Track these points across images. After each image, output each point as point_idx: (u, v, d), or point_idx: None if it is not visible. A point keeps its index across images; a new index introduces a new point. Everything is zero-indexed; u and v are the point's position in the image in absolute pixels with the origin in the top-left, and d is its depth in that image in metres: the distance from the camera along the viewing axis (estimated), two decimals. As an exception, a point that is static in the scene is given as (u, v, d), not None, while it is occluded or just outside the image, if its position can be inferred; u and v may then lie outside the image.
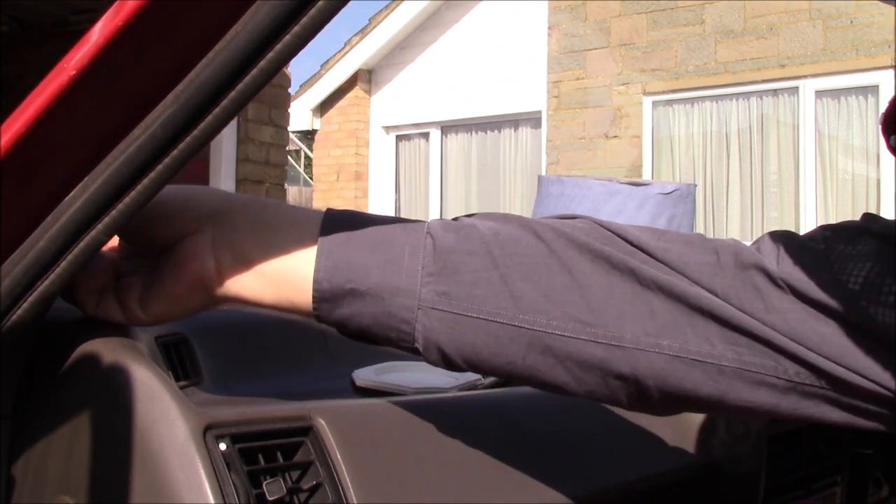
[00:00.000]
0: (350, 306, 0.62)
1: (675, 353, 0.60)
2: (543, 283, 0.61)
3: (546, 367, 0.62)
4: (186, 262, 0.64)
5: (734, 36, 6.79)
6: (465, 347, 0.62)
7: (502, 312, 0.61)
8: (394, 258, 0.61)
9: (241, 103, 0.57)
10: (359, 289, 0.61)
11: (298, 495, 0.65)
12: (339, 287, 0.61)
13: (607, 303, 0.61)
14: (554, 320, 0.61)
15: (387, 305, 0.61)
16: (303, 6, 0.54)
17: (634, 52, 7.21)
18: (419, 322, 0.61)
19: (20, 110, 0.56)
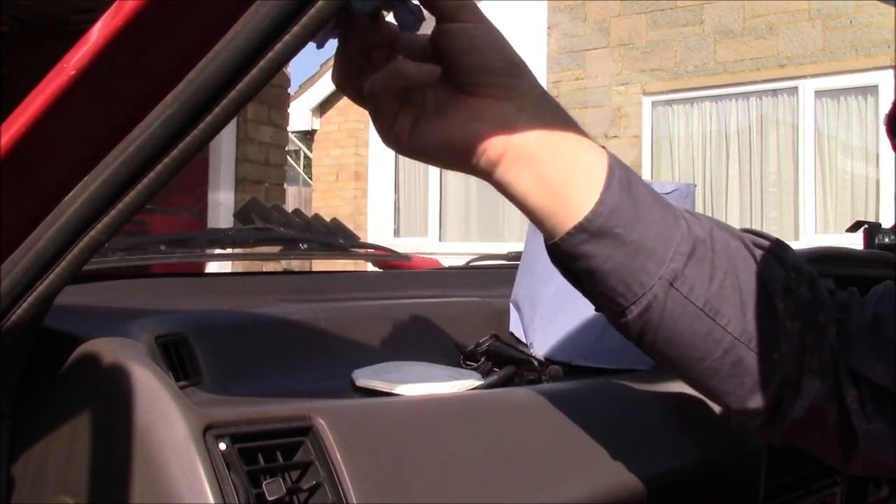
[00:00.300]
0: (605, 247, 0.62)
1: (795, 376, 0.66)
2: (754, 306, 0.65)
3: (725, 375, 0.66)
4: (485, 121, 0.62)
5: (733, 36, 6.79)
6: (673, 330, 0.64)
7: (725, 315, 0.64)
8: (659, 223, 0.63)
9: (241, 103, 0.57)
10: (623, 236, 0.62)
11: (298, 495, 0.65)
12: (608, 227, 0.62)
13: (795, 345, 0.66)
14: (753, 340, 0.65)
15: (637, 261, 0.62)
16: (303, 6, 0.54)
17: (634, 52, 7.21)
18: (652, 291, 0.63)
19: (20, 110, 0.56)
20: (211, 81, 0.56)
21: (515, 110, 0.62)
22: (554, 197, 0.63)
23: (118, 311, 0.93)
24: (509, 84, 0.62)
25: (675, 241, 0.63)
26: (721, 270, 0.65)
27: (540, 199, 0.63)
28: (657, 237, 0.63)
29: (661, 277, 0.63)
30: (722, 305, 0.64)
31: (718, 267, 0.65)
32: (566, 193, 0.62)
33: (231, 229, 1.81)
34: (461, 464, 0.76)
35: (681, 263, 0.63)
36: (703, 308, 0.64)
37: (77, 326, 0.75)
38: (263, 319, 1.00)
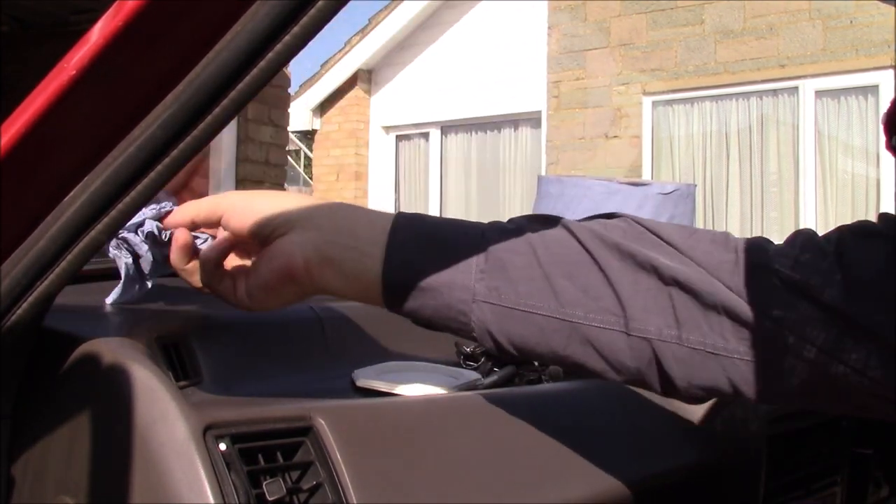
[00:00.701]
0: (416, 300, 0.70)
1: (693, 345, 0.66)
2: (581, 279, 0.68)
3: (586, 356, 0.69)
4: (278, 259, 0.73)
5: (734, 36, 6.79)
6: (514, 336, 0.69)
7: (545, 306, 0.68)
8: (450, 257, 0.69)
9: (241, 103, 0.57)
10: (421, 285, 0.69)
11: (298, 495, 0.65)
12: (404, 283, 0.70)
13: (634, 297, 0.67)
14: (591, 313, 0.67)
15: (446, 299, 0.69)
16: (303, 6, 0.54)
17: (634, 52, 7.21)
18: (474, 314, 0.69)
19: (20, 110, 0.56)
20: (211, 81, 0.56)
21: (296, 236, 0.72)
22: (360, 280, 0.72)
23: (118, 311, 0.93)
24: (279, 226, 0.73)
25: (473, 264, 0.69)
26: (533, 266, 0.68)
27: (353, 289, 0.73)
28: (453, 270, 0.69)
29: (475, 301, 0.69)
30: (539, 299, 0.68)
31: (528, 264, 0.69)
32: (364, 272, 0.71)
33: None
34: (461, 464, 0.76)
35: (486, 281, 0.69)
36: (519, 307, 0.68)
37: (77, 326, 0.75)
38: (263, 319, 0.99)
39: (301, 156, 13.15)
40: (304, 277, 0.72)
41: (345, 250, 0.71)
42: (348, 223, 0.72)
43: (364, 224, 0.72)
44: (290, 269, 0.72)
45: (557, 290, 0.68)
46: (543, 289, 0.68)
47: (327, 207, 0.74)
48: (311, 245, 0.72)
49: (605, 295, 0.67)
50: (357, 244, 0.71)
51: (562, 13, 7.51)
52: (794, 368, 0.63)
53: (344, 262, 0.71)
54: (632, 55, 7.22)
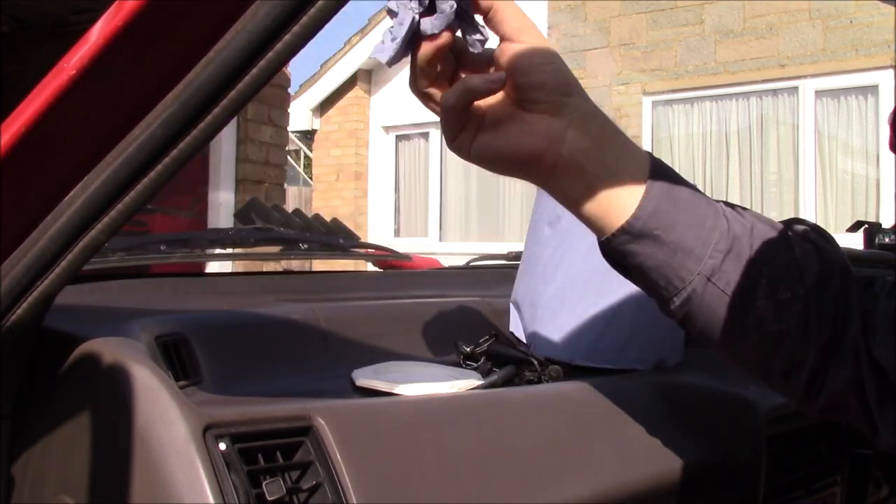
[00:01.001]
0: (646, 247, 0.70)
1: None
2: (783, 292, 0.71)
3: (759, 359, 0.73)
4: (536, 135, 0.68)
5: (734, 36, 6.79)
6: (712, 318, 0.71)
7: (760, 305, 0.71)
8: (698, 223, 0.70)
9: (241, 103, 0.57)
10: (662, 237, 0.69)
11: (298, 495, 0.65)
12: (649, 229, 0.69)
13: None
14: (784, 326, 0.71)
15: (676, 259, 0.70)
16: (303, 6, 0.54)
17: (634, 52, 7.21)
18: (691, 284, 0.70)
19: (20, 110, 0.56)
20: (211, 81, 0.56)
21: (564, 126, 0.68)
22: (600, 203, 0.70)
23: (118, 311, 0.93)
24: (560, 102, 0.68)
25: (713, 240, 0.70)
26: (758, 263, 0.71)
27: (588, 206, 0.70)
28: (695, 237, 0.70)
29: (700, 273, 0.70)
30: (757, 296, 0.70)
31: (755, 261, 0.71)
32: (611, 200, 0.69)
33: (231, 229, 1.80)
34: (461, 464, 0.76)
35: (718, 260, 0.70)
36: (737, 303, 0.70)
37: (77, 326, 0.75)
38: (263, 319, 0.99)
39: (301, 156, 13.15)
40: (547, 168, 0.69)
41: (606, 171, 0.69)
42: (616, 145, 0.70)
43: (629, 152, 0.71)
44: (543, 154, 0.68)
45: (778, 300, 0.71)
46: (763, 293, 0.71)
47: (599, 113, 0.70)
48: (581, 147, 0.68)
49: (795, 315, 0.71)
50: (618, 169, 0.69)
51: (562, 13, 7.51)
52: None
53: (599, 180, 0.69)
54: (632, 55, 7.22)
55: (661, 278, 0.71)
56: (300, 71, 26.30)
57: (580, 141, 0.68)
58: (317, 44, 0.95)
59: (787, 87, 6.69)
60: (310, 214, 1.95)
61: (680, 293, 0.71)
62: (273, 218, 1.77)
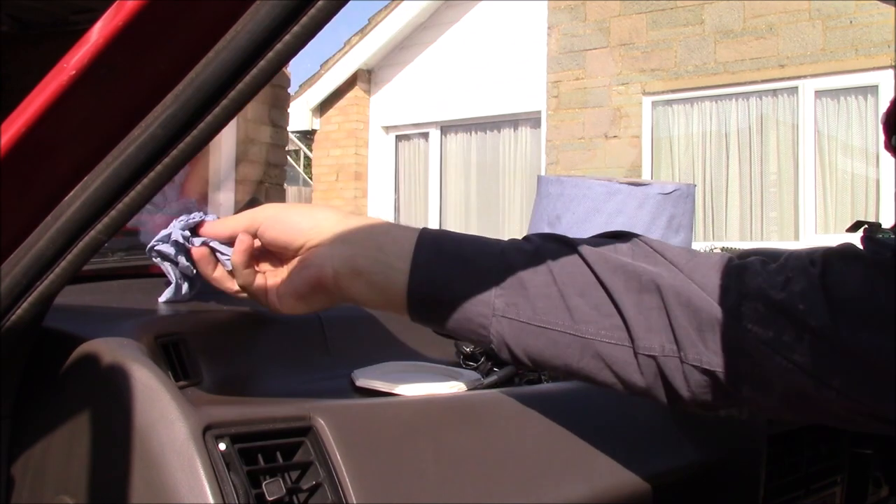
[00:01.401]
0: (439, 312, 0.75)
1: (693, 363, 0.69)
2: (592, 298, 0.72)
3: (597, 370, 0.73)
4: (310, 269, 0.78)
5: (733, 36, 6.79)
6: (530, 350, 0.73)
7: (560, 322, 0.72)
8: (473, 273, 0.74)
9: (241, 103, 0.57)
10: (444, 298, 0.74)
11: (298, 495, 0.65)
12: (428, 297, 0.74)
13: (637, 316, 0.71)
14: (602, 329, 0.72)
15: (467, 312, 0.73)
16: (303, 6, 0.54)
17: (634, 52, 7.21)
18: (493, 327, 0.73)
19: (20, 110, 0.56)
20: (211, 81, 0.56)
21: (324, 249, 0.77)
22: (386, 294, 0.76)
23: (118, 311, 0.93)
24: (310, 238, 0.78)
25: (493, 281, 0.73)
26: (549, 285, 0.73)
27: (378, 301, 0.78)
28: (477, 284, 0.73)
29: (494, 315, 0.73)
30: (554, 315, 0.72)
31: (545, 283, 0.73)
32: (390, 288, 0.76)
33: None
34: (461, 464, 0.76)
35: (504, 297, 0.73)
36: (536, 323, 0.72)
37: (77, 326, 0.75)
38: (263, 319, 0.99)
39: (301, 156, 13.14)
40: (333, 288, 0.77)
41: (374, 264, 0.76)
42: (377, 238, 0.77)
43: (392, 239, 0.77)
44: (321, 280, 0.77)
45: (571, 308, 0.72)
46: (559, 306, 0.72)
47: (358, 222, 0.79)
48: (342, 258, 0.76)
49: (614, 313, 0.71)
50: (385, 258, 0.75)
51: (562, 13, 7.51)
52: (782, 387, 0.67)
53: (372, 274, 0.76)
54: (632, 55, 7.22)
55: (471, 333, 0.75)
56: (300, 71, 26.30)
57: (340, 252, 0.77)
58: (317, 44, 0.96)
59: (786, 87, 6.69)
60: (310, 214, 1.95)
61: (489, 338, 0.74)
62: (273, 218, 1.77)
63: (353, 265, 0.76)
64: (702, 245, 3.74)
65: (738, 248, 1.34)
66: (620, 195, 1.21)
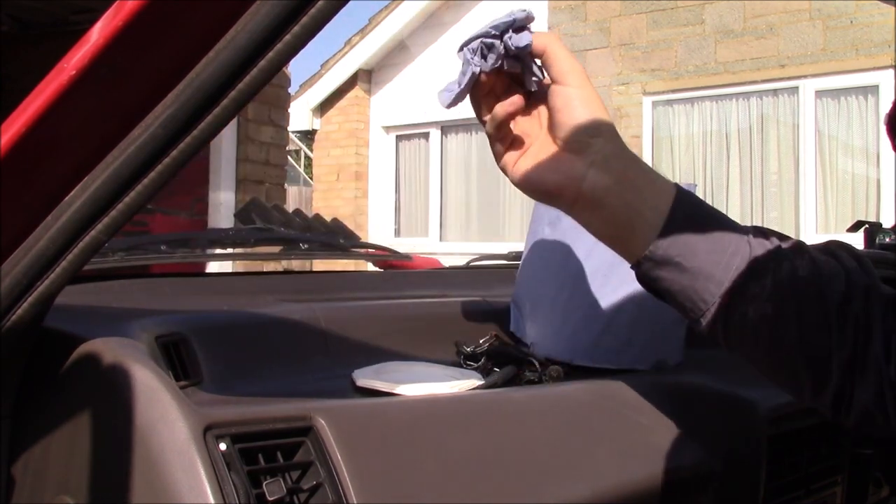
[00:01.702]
0: (669, 273, 0.76)
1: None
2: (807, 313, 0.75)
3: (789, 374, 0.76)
4: (560, 172, 0.76)
5: (734, 36, 6.79)
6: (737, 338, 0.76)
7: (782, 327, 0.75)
8: (719, 249, 0.75)
9: (241, 103, 0.57)
10: (683, 264, 0.75)
11: (298, 495, 0.65)
12: (669, 256, 0.75)
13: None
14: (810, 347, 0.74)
15: (697, 284, 0.75)
16: (303, 6, 0.54)
17: (634, 51, 7.21)
18: (714, 307, 0.75)
19: (20, 110, 0.56)
20: (211, 81, 0.56)
21: (585, 166, 0.75)
22: (621, 234, 0.77)
23: (118, 311, 0.93)
24: (584, 142, 0.76)
25: (733, 266, 0.75)
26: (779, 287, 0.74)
27: (608, 236, 0.78)
28: (715, 263, 0.75)
29: (721, 296, 0.75)
30: (779, 318, 0.74)
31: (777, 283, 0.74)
32: (631, 231, 0.76)
33: (231, 229, 1.80)
34: (461, 464, 0.76)
35: (738, 284, 0.74)
36: (760, 322, 0.75)
37: (77, 326, 0.75)
38: (263, 319, 0.99)
39: (301, 156, 13.15)
40: (571, 202, 0.77)
41: (625, 206, 0.75)
42: (638, 180, 0.76)
43: (651, 184, 0.76)
44: (565, 191, 0.76)
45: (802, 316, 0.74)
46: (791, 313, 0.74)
47: (624, 153, 0.77)
48: (596, 185, 0.75)
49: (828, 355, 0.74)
50: (639, 205, 0.75)
51: (562, 13, 7.51)
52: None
53: (618, 215, 0.76)
54: (632, 55, 7.22)
55: (687, 300, 0.76)
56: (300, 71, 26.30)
57: (600, 179, 0.75)
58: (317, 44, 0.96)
59: (787, 87, 6.69)
60: (310, 214, 1.95)
61: (705, 315, 0.76)
62: (273, 218, 1.77)
63: (602, 197, 0.75)
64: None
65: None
66: (621, 195, 1.21)
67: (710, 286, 0.75)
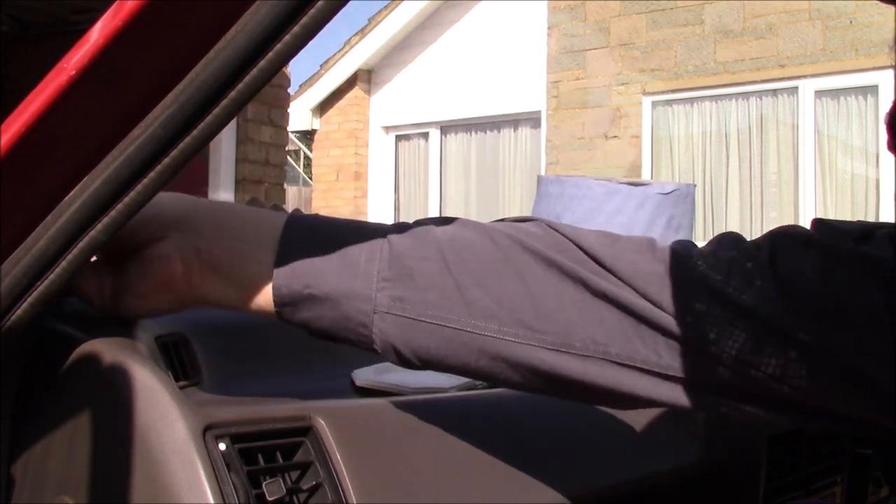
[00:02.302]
0: (310, 310, 0.64)
1: (623, 361, 0.62)
2: (496, 289, 0.63)
3: (498, 371, 0.65)
4: (154, 263, 0.66)
5: (733, 36, 6.80)
6: (420, 350, 0.64)
7: (454, 318, 0.63)
8: (350, 263, 0.64)
9: (241, 103, 0.57)
10: (316, 294, 0.64)
11: (298, 495, 0.65)
12: (297, 292, 0.64)
13: (558, 310, 0.62)
14: (504, 326, 0.62)
15: (344, 310, 0.64)
16: (303, 6, 0.54)
17: (634, 51, 7.22)
18: (375, 325, 0.64)
19: (20, 110, 0.56)
20: (211, 81, 0.56)
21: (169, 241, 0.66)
22: (249, 287, 0.65)
23: (118, 311, 0.93)
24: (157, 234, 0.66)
25: (374, 271, 0.63)
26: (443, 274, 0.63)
27: (243, 297, 0.67)
28: (351, 277, 0.63)
29: (376, 312, 0.63)
30: (449, 309, 0.63)
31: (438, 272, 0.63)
32: (251, 281, 0.65)
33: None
34: (461, 464, 0.76)
35: (388, 290, 0.63)
36: (426, 319, 0.63)
37: (77, 326, 0.75)
38: (263, 319, 0.99)
39: (301, 156, 13.15)
40: (182, 286, 0.67)
41: (230, 254, 0.65)
42: (234, 224, 0.66)
43: (252, 225, 0.66)
44: (167, 276, 0.66)
45: (469, 301, 0.62)
46: (454, 298, 0.63)
47: (208, 206, 0.68)
48: (192, 249, 0.66)
49: (523, 306, 0.62)
50: (245, 248, 0.65)
51: (561, 13, 7.51)
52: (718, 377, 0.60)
53: (229, 267, 0.65)
54: (631, 55, 7.23)
55: (348, 332, 0.65)
56: (300, 71, 26.30)
57: (192, 241, 0.66)
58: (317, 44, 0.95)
59: (786, 87, 6.69)
60: (310, 214, 1.95)
61: (374, 339, 0.64)
62: (273, 218, 1.77)
63: (205, 257, 0.65)
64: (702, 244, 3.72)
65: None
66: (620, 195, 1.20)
67: (360, 305, 0.63)
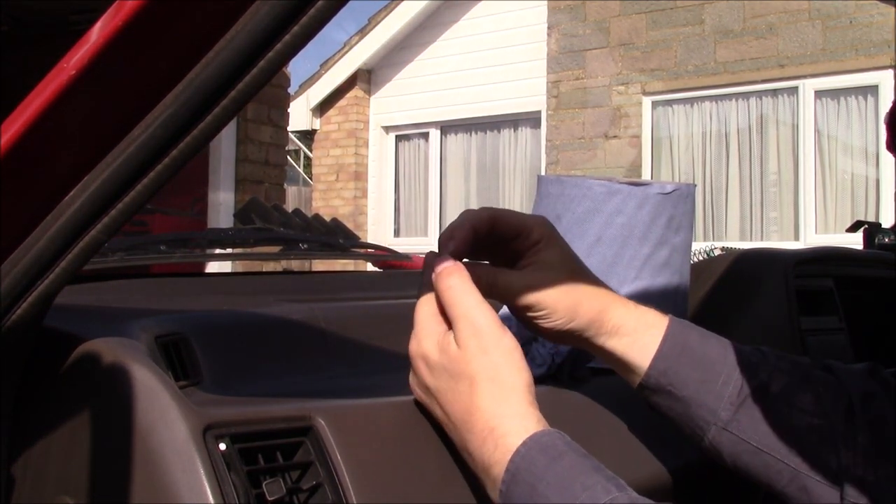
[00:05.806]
0: (664, 400, 0.81)
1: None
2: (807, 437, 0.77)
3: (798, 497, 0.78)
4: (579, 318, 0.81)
5: (733, 36, 6.80)
6: (738, 461, 0.80)
7: (778, 449, 0.78)
8: (710, 379, 0.79)
9: (241, 103, 0.57)
10: (675, 393, 0.80)
11: (298, 495, 0.65)
12: (661, 385, 0.80)
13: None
14: (814, 468, 0.76)
15: (691, 411, 0.80)
16: (303, 6, 0.54)
17: (634, 51, 7.22)
18: (710, 433, 0.80)
19: (20, 110, 0.56)
20: (211, 81, 0.56)
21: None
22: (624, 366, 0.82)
23: (118, 311, 0.93)
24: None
25: (725, 394, 0.79)
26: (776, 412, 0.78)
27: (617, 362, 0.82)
28: (707, 392, 0.79)
29: (715, 425, 0.79)
30: (777, 442, 0.78)
31: (773, 409, 0.78)
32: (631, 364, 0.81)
33: (231, 229, 1.80)
34: (461, 464, 0.76)
35: (730, 412, 0.78)
36: (759, 446, 0.78)
37: (77, 326, 0.75)
38: (263, 319, 0.99)
39: (301, 156, 13.15)
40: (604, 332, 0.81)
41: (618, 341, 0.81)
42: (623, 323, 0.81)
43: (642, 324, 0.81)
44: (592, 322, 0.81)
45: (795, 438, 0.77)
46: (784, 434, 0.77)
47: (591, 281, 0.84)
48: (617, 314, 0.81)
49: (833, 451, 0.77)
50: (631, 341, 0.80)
51: (561, 13, 7.51)
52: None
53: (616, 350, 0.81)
54: (631, 55, 7.23)
55: (684, 426, 0.81)
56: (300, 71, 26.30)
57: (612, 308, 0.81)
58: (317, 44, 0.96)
59: (786, 87, 6.70)
60: (309, 214, 1.95)
61: (702, 439, 0.80)
62: (273, 218, 1.77)
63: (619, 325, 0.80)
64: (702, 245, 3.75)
65: (737, 248, 1.35)
66: (620, 195, 1.20)
67: (704, 414, 0.79)
